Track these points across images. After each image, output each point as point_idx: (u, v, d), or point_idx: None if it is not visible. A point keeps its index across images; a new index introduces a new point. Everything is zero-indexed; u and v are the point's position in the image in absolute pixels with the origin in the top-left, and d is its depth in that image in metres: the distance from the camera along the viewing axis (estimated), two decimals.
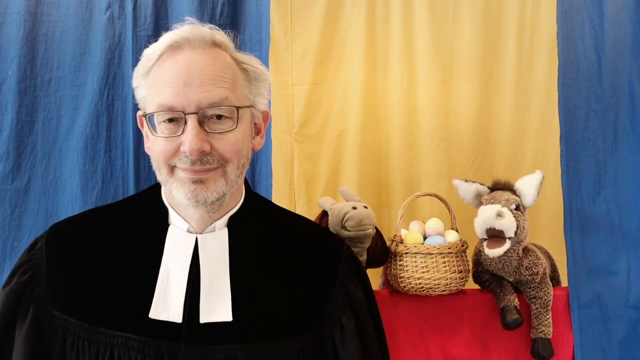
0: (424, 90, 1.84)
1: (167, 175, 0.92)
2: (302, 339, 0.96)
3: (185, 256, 0.94)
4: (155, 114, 0.90)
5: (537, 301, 1.44)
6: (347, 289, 1.02)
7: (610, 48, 1.52)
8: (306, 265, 1.01)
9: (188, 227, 0.96)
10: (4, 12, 1.43)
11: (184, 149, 0.88)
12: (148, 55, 0.94)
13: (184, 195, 0.90)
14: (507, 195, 1.41)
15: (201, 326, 0.91)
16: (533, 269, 1.43)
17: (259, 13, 1.44)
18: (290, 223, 1.08)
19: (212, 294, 0.93)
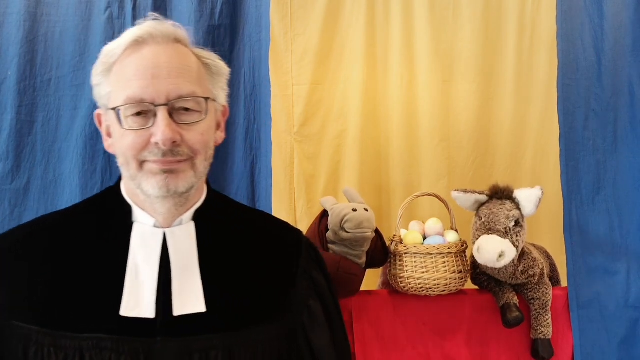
0: (424, 90, 1.84)
1: (136, 170, 0.91)
2: (273, 326, 0.99)
3: (154, 251, 0.95)
4: (122, 108, 0.89)
5: (535, 302, 1.44)
6: (310, 274, 1.06)
7: (610, 48, 1.52)
8: (270, 255, 1.03)
9: (154, 222, 0.96)
10: (4, 12, 1.43)
11: (156, 139, 0.88)
12: (110, 51, 0.93)
13: (156, 186, 0.90)
14: (506, 211, 1.39)
15: (175, 319, 0.92)
16: (529, 272, 1.42)
17: (258, 13, 1.44)
18: (250, 216, 1.10)
19: (184, 287, 0.94)
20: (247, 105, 1.44)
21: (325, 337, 1.06)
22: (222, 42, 1.44)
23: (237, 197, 1.45)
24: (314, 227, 1.46)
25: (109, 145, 0.97)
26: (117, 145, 0.93)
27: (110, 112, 0.92)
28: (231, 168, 1.46)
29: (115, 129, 0.93)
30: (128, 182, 0.95)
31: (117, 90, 0.91)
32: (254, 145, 1.44)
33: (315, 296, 1.06)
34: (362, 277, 1.46)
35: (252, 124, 1.44)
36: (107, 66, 0.93)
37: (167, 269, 0.94)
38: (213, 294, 0.95)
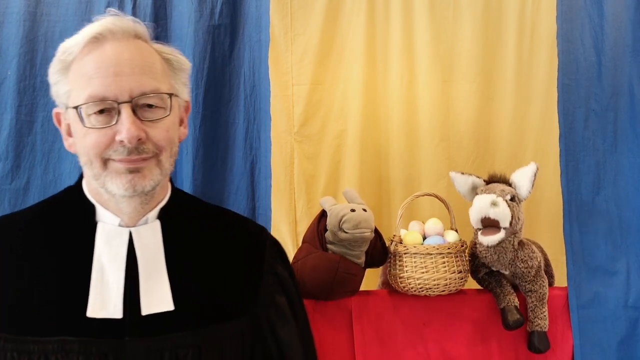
0: (424, 90, 1.84)
1: (100, 169, 0.89)
2: (241, 322, 0.99)
3: (120, 251, 0.93)
4: (84, 106, 0.87)
5: (532, 294, 1.45)
6: (275, 270, 1.07)
7: (610, 48, 1.52)
8: (235, 252, 1.03)
9: (119, 221, 0.94)
10: (4, 12, 1.43)
11: (121, 137, 0.87)
12: (68, 48, 0.91)
13: (121, 186, 0.89)
14: (503, 187, 1.41)
15: (143, 318, 0.91)
16: (528, 262, 1.43)
17: (258, 13, 1.43)
18: (214, 213, 1.09)
19: (151, 285, 0.93)
20: (247, 105, 1.44)
21: (292, 331, 1.07)
22: (222, 42, 1.44)
23: (237, 197, 1.45)
24: (313, 227, 1.46)
25: (69, 145, 0.96)
26: (79, 144, 0.91)
27: (70, 110, 0.90)
28: (231, 168, 1.46)
29: (76, 127, 0.91)
30: (91, 181, 0.93)
31: (78, 89, 0.89)
32: (254, 145, 1.44)
33: (280, 291, 1.07)
34: (362, 277, 1.46)
35: (252, 123, 1.44)
36: (65, 64, 0.91)
37: (134, 268, 0.93)
38: (181, 292, 0.94)
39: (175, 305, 0.93)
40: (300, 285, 1.42)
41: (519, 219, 1.39)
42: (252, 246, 1.07)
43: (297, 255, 1.47)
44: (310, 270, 1.40)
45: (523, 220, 1.42)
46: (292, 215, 1.85)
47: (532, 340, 1.43)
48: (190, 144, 1.40)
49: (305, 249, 1.45)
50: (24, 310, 0.89)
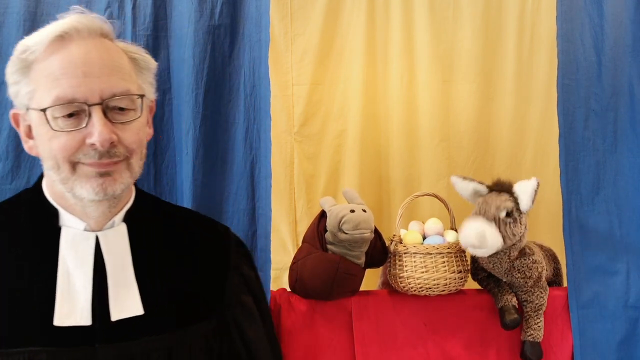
0: (424, 90, 1.84)
1: (68, 173, 0.86)
2: (209, 323, 0.99)
3: (86, 256, 0.91)
4: (50, 109, 0.83)
5: (528, 305, 1.44)
6: (241, 270, 1.08)
7: (610, 48, 1.52)
8: (201, 253, 1.03)
9: (85, 225, 0.92)
10: (4, 12, 1.43)
11: (93, 140, 0.84)
12: (29, 47, 0.87)
13: (91, 190, 0.86)
14: (500, 201, 1.37)
15: (113, 324, 0.89)
16: (526, 272, 1.42)
17: (258, 13, 1.43)
18: (180, 214, 1.08)
19: (120, 290, 0.91)
20: (247, 105, 1.44)
21: (260, 331, 1.08)
22: (222, 42, 1.43)
23: (237, 197, 1.45)
24: (312, 227, 1.46)
25: (29, 148, 0.91)
26: (44, 147, 0.87)
27: (33, 112, 0.86)
28: (231, 168, 1.46)
29: (40, 130, 0.86)
30: (56, 185, 0.89)
31: (43, 90, 0.85)
32: (254, 145, 1.44)
33: (247, 291, 1.08)
34: (362, 277, 1.46)
35: (252, 123, 1.44)
36: (26, 63, 0.87)
37: (101, 273, 0.91)
38: (149, 296, 0.93)
39: (144, 309, 0.92)
40: (300, 285, 1.43)
41: (514, 235, 1.36)
42: (217, 247, 1.06)
43: (297, 255, 1.47)
44: (310, 271, 1.40)
45: (522, 232, 1.39)
46: (292, 215, 1.86)
47: (524, 350, 1.43)
48: (190, 144, 1.40)
49: (305, 249, 1.45)
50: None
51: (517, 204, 1.38)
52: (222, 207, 1.45)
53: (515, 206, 1.38)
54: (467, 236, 1.36)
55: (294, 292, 1.46)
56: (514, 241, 1.38)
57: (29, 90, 0.87)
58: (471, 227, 1.36)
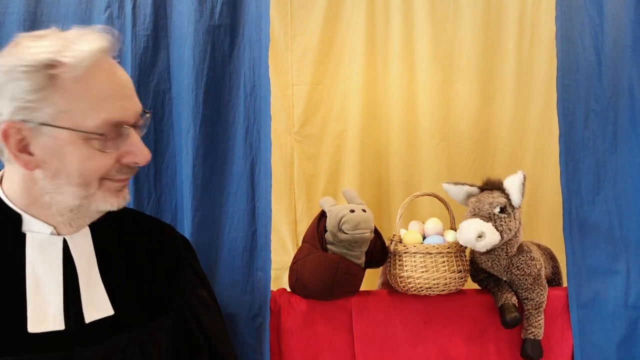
0: (424, 90, 1.84)
1: (96, 189, 0.88)
2: (170, 316, 1.04)
3: (55, 260, 0.90)
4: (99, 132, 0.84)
5: (528, 302, 1.44)
6: (190, 264, 1.15)
7: (610, 48, 1.51)
8: (153, 252, 1.06)
9: (51, 230, 0.91)
10: (4, 12, 1.43)
11: (137, 160, 0.89)
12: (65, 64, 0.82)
13: (115, 203, 0.91)
14: (492, 198, 1.39)
15: (87, 326, 0.91)
16: (525, 270, 1.42)
17: (258, 13, 1.43)
18: (128, 216, 1.08)
19: (90, 292, 0.93)
20: (247, 105, 1.44)
21: (220, 322, 1.18)
22: (222, 42, 1.43)
23: (237, 197, 1.45)
24: (312, 227, 1.46)
25: (26, 162, 0.85)
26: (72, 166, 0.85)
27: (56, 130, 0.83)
28: (231, 168, 1.46)
29: (68, 149, 0.84)
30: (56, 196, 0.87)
31: (86, 110, 0.83)
32: (254, 145, 1.44)
33: (199, 284, 1.15)
34: (362, 277, 1.46)
35: (252, 123, 1.44)
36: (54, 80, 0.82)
37: (70, 277, 0.91)
38: (116, 296, 0.95)
39: (113, 309, 0.94)
40: (300, 285, 1.43)
41: (510, 230, 1.38)
42: (166, 244, 1.10)
43: (297, 255, 1.47)
44: (310, 271, 1.40)
45: (518, 226, 1.41)
46: (292, 215, 1.86)
47: (525, 348, 1.43)
48: (190, 144, 1.40)
49: (305, 249, 1.45)
50: None
51: (509, 199, 1.40)
52: (222, 207, 1.45)
53: (507, 202, 1.39)
54: (467, 238, 1.37)
55: (294, 292, 1.46)
56: (510, 235, 1.39)
57: (59, 109, 0.83)
58: (469, 227, 1.37)
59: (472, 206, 1.42)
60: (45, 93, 0.82)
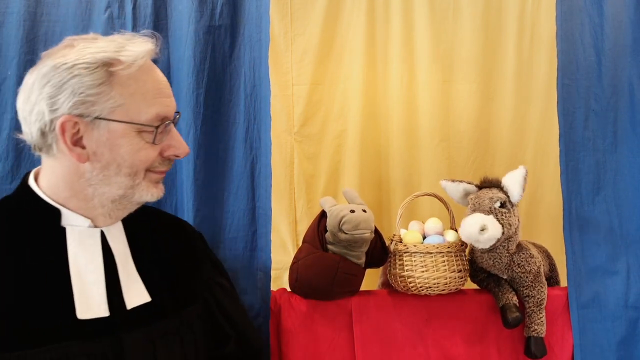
0: (424, 90, 1.84)
1: (141, 179, 0.96)
2: (198, 305, 1.10)
3: (96, 251, 0.96)
4: (154, 125, 0.93)
5: (530, 300, 1.44)
6: (209, 256, 1.22)
7: (610, 48, 1.52)
8: (176, 246, 1.12)
9: (89, 223, 0.97)
10: (4, 12, 1.43)
11: (178, 153, 0.98)
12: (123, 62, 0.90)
13: (155, 194, 0.98)
14: (492, 194, 1.40)
15: (128, 312, 0.96)
16: (525, 267, 1.43)
17: (258, 13, 1.43)
18: (150, 210, 1.13)
19: (128, 280, 0.98)
20: (247, 105, 1.44)
21: (240, 307, 1.25)
22: (222, 42, 1.44)
23: (237, 197, 1.45)
24: (313, 227, 1.46)
25: (79, 155, 0.92)
26: (125, 156, 0.93)
27: (112, 124, 0.91)
28: (231, 168, 1.46)
29: (122, 141, 0.92)
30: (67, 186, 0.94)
31: (140, 106, 0.92)
32: (254, 145, 1.44)
33: (219, 274, 1.22)
34: (362, 278, 1.46)
35: (252, 123, 1.44)
36: (113, 77, 0.90)
37: (110, 266, 0.97)
38: (150, 285, 1.01)
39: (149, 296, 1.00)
40: (300, 285, 1.43)
41: (510, 225, 1.38)
42: (187, 238, 1.17)
43: (297, 255, 1.47)
44: (311, 271, 1.40)
45: (518, 223, 1.41)
46: (292, 215, 1.86)
47: (528, 346, 1.43)
48: (191, 144, 1.40)
49: (305, 249, 1.45)
50: (11, 323, 0.87)
51: (508, 197, 1.41)
52: (222, 207, 1.46)
53: (507, 198, 1.40)
54: (470, 232, 1.37)
55: (294, 292, 1.46)
56: (511, 231, 1.39)
57: (116, 104, 0.91)
58: (472, 221, 1.37)
59: (472, 202, 1.42)
60: (104, 88, 0.89)
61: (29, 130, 0.93)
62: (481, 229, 1.35)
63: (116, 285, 0.96)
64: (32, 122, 0.92)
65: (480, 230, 1.35)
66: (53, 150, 0.93)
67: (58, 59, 0.90)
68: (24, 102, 0.93)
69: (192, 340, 1.05)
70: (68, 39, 0.94)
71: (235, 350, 1.18)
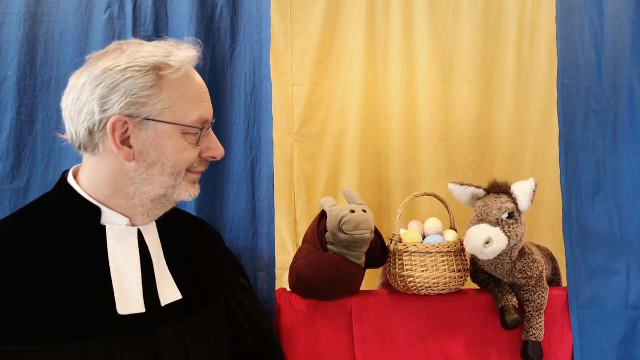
0: (424, 90, 1.84)
1: (182, 179, 1.00)
2: (220, 302, 1.15)
3: (133, 249, 1.00)
4: (198, 127, 0.99)
5: (530, 304, 1.44)
6: (229, 256, 1.26)
7: (610, 48, 1.52)
8: (200, 245, 1.17)
9: (127, 222, 1.01)
10: (4, 12, 1.43)
11: (215, 155, 1.04)
12: (173, 67, 0.96)
13: (193, 193, 1.03)
14: (500, 203, 1.38)
15: (162, 309, 1.00)
16: (527, 272, 1.42)
17: (259, 13, 1.43)
18: (178, 213, 1.18)
19: (162, 278, 1.03)
20: (247, 105, 1.44)
21: (259, 306, 1.29)
22: (222, 42, 1.44)
23: (237, 198, 1.45)
24: (313, 227, 1.47)
25: (127, 154, 0.96)
26: (170, 157, 0.97)
27: (160, 124, 0.95)
28: (231, 168, 1.46)
29: (168, 142, 0.97)
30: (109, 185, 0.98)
31: (186, 108, 0.97)
32: (255, 145, 1.44)
33: (238, 273, 1.26)
34: (362, 278, 1.46)
35: (253, 123, 1.44)
36: (162, 81, 0.96)
37: (145, 264, 1.01)
38: (179, 283, 1.05)
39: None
40: (301, 286, 1.43)
41: (516, 235, 1.36)
42: (210, 238, 1.22)
43: (297, 255, 1.47)
44: (311, 271, 1.40)
45: (523, 232, 1.39)
46: (292, 215, 1.86)
47: (526, 350, 1.43)
48: None
49: (305, 249, 1.45)
50: (54, 317, 0.90)
51: (516, 204, 1.38)
52: (222, 207, 1.46)
53: (515, 207, 1.38)
54: (474, 244, 1.35)
55: (294, 292, 1.46)
56: (516, 240, 1.38)
57: (165, 106, 0.96)
58: (477, 233, 1.35)
59: (479, 210, 1.40)
60: (154, 91, 0.95)
61: (74, 129, 0.96)
62: (486, 242, 1.33)
63: (151, 283, 1.01)
64: (81, 121, 0.95)
65: (485, 243, 1.33)
66: (99, 149, 0.96)
67: (110, 61, 0.94)
68: (73, 102, 0.95)
69: (216, 337, 1.10)
70: (115, 43, 0.99)
71: (254, 347, 1.22)
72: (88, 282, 0.95)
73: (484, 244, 1.33)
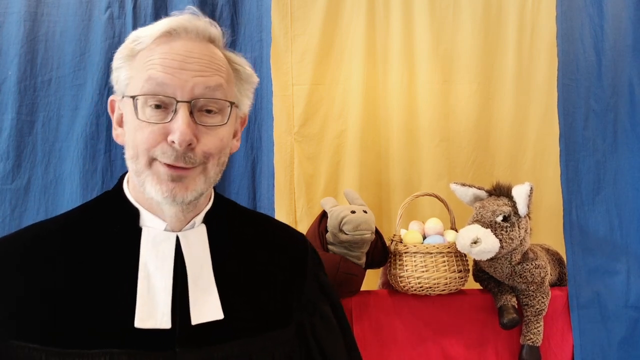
0: (424, 90, 1.84)
1: (144, 166, 0.84)
2: (288, 330, 0.95)
3: (167, 256, 0.88)
4: (142, 97, 0.82)
5: (529, 309, 1.44)
6: (318, 277, 1.05)
7: (610, 48, 1.52)
8: (279, 259, 1.00)
9: (165, 225, 0.90)
10: (4, 12, 1.43)
11: (173, 138, 0.81)
12: (138, 37, 0.87)
13: (160, 193, 0.84)
14: (497, 206, 1.38)
15: (193, 328, 0.86)
16: (527, 278, 1.42)
17: (259, 13, 1.43)
18: (256, 219, 1.06)
19: (200, 293, 0.88)
20: None
21: (338, 341, 1.04)
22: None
23: (238, 198, 1.45)
24: (313, 227, 1.46)
25: (117, 135, 0.91)
26: (129, 136, 0.85)
27: (126, 99, 0.85)
28: (231, 168, 1.46)
29: (129, 118, 0.85)
30: (133, 179, 0.88)
31: (138, 77, 0.84)
32: (255, 145, 1.44)
33: (324, 299, 1.05)
34: (362, 278, 1.46)
35: (253, 123, 1.44)
36: (132, 52, 0.87)
37: (182, 275, 0.88)
38: (228, 300, 0.90)
39: (224, 313, 0.88)
40: None
41: (512, 240, 1.36)
42: (295, 253, 1.03)
43: None
44: None
45: (523, 235, 1.39)
46: (292, 215, 1.85)
47: (522, 354, 1.44)
48: None
49: None
50: (67, 320, 0.83)
51: (515, 208, 1.38)
52: None
53: (513, 210, 1.38)
54: (462, 243, 1.37)
55: None
56: (512, 246, 1.37)
57: (128, 76, 0.87)
58: (465, 233, 1.36)
59: (476, 212, 1.41)
60: (122, 63, 0.88)
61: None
62: (473, 242, 1.34)
63: (184, 297, 0.87)
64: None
65: (471, 242, 1.34)
66: None
67: None
68: None
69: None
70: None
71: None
72: (112, 288, 0.85)
73: (470, 244, 1.34)
